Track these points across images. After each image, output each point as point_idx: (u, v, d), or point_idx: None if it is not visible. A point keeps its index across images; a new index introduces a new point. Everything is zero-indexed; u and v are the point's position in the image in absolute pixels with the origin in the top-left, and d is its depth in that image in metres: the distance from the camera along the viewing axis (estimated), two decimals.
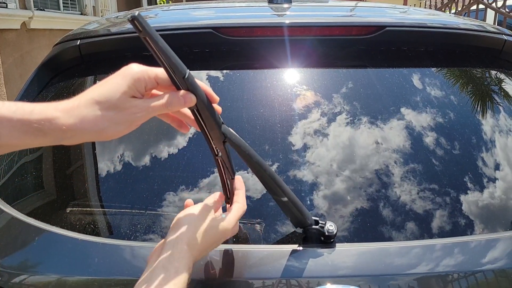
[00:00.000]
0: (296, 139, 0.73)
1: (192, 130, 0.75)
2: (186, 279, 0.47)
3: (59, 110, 0.42)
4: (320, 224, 0.60)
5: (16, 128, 0.39)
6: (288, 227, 0.64)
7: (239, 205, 0.57)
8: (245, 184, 0.70)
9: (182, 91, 0.47)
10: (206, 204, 0.54)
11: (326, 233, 0.60)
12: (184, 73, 0.47)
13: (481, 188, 0.70)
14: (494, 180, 0.71)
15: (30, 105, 0.41)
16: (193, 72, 0.49)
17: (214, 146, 0.53)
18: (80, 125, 0.42)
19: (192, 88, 0.48)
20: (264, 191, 0.65)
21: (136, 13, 0.44)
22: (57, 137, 0.42)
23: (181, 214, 0.54)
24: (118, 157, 0.73)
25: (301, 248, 0.60)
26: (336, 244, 0.61)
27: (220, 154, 0.54)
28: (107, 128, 0.43)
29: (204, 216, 0.53)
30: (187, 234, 0.50)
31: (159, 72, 0.48)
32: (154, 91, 0.49)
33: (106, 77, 0.48)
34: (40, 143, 0.42)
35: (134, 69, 0.47)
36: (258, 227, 0.64)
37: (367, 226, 0.64)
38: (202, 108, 0.49)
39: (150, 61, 0.89)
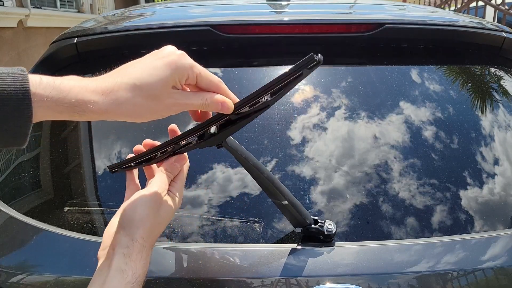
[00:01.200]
0: (295, 137, 0.73)
1: (190, 128, 0.74)
2: (143, 279, 0.46)
3: (97, 93, 0.42)
4: (319, 223, 0.60)
5: (51, 108, 0.39)
6: (287, 226, 0.64)
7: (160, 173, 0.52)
8: (243, 182, 0.70)
9: (220, 96, 0.48)
10: (147, 190, 0.50)
11: (326, 232, 0.59)
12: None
13: (481, 186, 0.70)
14: (494, 177, 0.71)
15: (67, 85, 0.41)
16: None
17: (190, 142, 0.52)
18: (118, 110, 0.42)
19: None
20: (263, 191, 0.64)
21: None
22: (93, 117, 0.42)
23: (127, 205, 0.48)
24: (115, 156, 0.73)
25: (300, 247, 0.60)
26: (336, 243, 0.61)
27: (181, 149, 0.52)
28: (144, 116, 0.44)
29: (152, 203, 0.48)
30: (141, 229, 0.47)
31: (202, 71, 0.47)
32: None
33: (103, 75, 0.47)
34: (75, 119, 0.42)
35: (181, 59, 0.45)
36: (257, 226, 0.64)
37: (366, 225, 0.64)
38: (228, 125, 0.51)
39: None
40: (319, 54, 0.46)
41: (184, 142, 0.53)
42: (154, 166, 0.56)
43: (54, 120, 0.42)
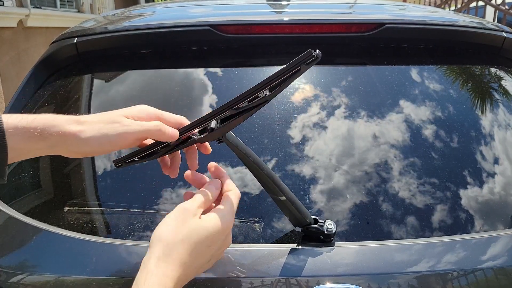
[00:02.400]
0: (296, 137, 0.73)
1: None
2: None
3: (62, 119, 0.48)
4: (319, 223, 0.60)
5: (20, 135, 0.46)
6: (287, 226, 0.64)
7: (228, 195, 0.52)
8: (243, 181, 0.70)
9: (170, 128, 0.52)
10: (184, 208, 0.48)
11: (325, 232, 0.59)
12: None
13: (481, 185, 0.70)
14: (494, 177, 0.71)
15: (32, 115, 0.47)
16: (191, 70, 0.49)
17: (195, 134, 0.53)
18: (75, 131, 0.48)
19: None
20: (263, 189, 0.64)
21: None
22: (55, 142, 0.47)
23: (163, 227, 0.46)
24: (115, 155, 0.73)
25: (300, 247, 0.60)
26: (336, 242, 0.61)
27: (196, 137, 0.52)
28: (95, 138, 0.48)
29: (176, 220, 0.46)
30: (156, 248, 0.44)
31: (166, 114, 0.54)
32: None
33: (103, 75, 0.48)
34: (41, 147, 0.47)
35: (143, 105, 0.54)
36: (257, 226, 0.64)
37: (366, 225, 0.64)
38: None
39: (147, 59, 0.88)
40: (317, 50, 0.46)
41: (185, 137, 0.53)
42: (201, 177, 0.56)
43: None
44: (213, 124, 0.52)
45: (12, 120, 0.46)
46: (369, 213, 0.65)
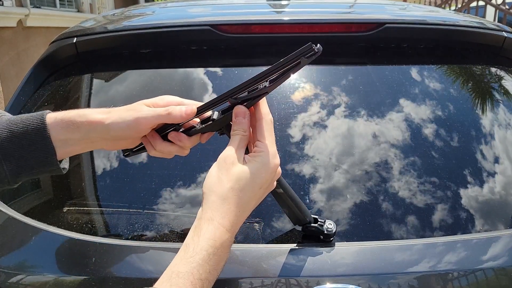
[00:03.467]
0: (296, 136, 0.73)
1: None
2: (210, 265, 0.43)
3: (91, 110, 0.53)
4: (319, 223, 0.60)
5: (58, 126, 0.52)
6: (287, 226, 0.64)
7: (235, 132, 0.50)
8: None
9: (183, 106, 0.53)
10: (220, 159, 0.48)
11: (325, 232, 0.59)
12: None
13: (482, 186, 0.69)
14: (495, 177, 0.71)
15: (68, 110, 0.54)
16: (191, 70, 0.49)
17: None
18: (101, 119, 0.52)
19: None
20: None
21: None
22: (86, 131, 0.52)
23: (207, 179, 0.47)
24: (115, 155, 0.72)
25: (300, 246, 0.60)
26: (336, 242, 0.60)
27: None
28: (115, 123, 0.52)
29: (218, 165, 0.47)
30: (208, 199, 0.45)
31: (186, 101, 0.56)
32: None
33: (102, 75, 0.49)
34: (77, 137, 0.52)
35: (166, 95, 0.57)
36: (256, 226, 0.64)
37: (366, 225, 0.64)
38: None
39: (146, 59, 0.88)
40: (319, 45, 0.46)
41: (187, 125, 0.55)
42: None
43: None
44: (215, 115, 0.53)
45: (51, 115, 0.52)
46: (369, 213, 0.65)
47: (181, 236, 0.63)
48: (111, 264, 0.59)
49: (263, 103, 0.51)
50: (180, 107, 0.52)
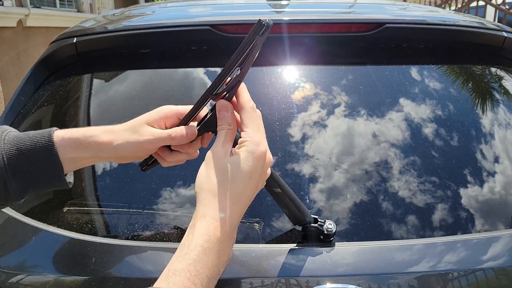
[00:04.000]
0: (296, 137, 0.73)
1: None
2: (207, 262, 0.43)
3: (98, 130, 0.54)
4: (319, 223, 0.60)
5: (67, 145, 0.53)
6: (287, 226, 0.64)
7: (222, 127, 0.49)
8: None
9: (184, 128, 0.54)
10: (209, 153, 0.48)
11: (325, 232, 0.59)
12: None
13: (482, 186, 0.69)
14: (495, 177, 0.71)
15: (76, 128, 0.55)
16: (191, 70, 0.49)
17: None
18: (108, 140, 0.53)
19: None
20: (263, 189, 0.64)
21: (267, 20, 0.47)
22: (96, 151, 0.53)
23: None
24: None
25: (300, 246, 0.60)
26: (336, 242, 0.60)
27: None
28: (122, 145, 0.53)
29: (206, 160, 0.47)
30: (200, 193, 0.46)
31: (181, 108, 0.56)
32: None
33: (102, 75, 0.49)
34: (88, 156, 0.53)
35: (163, 106, 0.57)
36: (256, 226, 0.64)
37: (366, 225, 0.64)
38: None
39: (146, 59, 0.88)
40: (268, 19, 0.46)
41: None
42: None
43: (53, 120, 0.47)
44: (203, 113, 0.54)
45: (58, 132, 0.53)
46: (369, 213, 0.65)
47: (181, 236, 0.63)
48: (111, 264, 0.59)
49: (242, 92, 0.51)
50: (181, 130, 0.53)
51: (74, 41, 0.86)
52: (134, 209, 0.66)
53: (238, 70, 0.49)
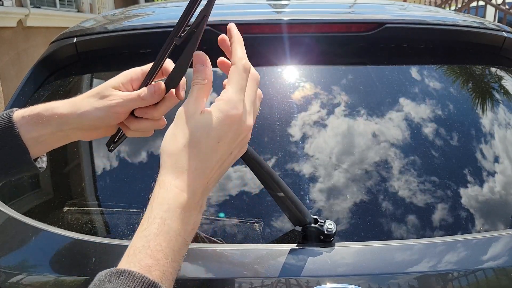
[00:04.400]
0: (296, 137, 0.73)
1: None
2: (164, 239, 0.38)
3: (58, 103, 0.52)
4: (319, 223, 0.60)
5: (27, 123, 0.50)
6: (287, 226, 0.64)
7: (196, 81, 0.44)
8: (242, 181, 0.70)
9: (152, 85, 0.50)
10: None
11: (325, 232, 0.59)
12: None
13: (482, 186, 0.69)
14: (495, 177, 0.71)
15: (34, 105, 0.53)
16: (190, 70, 0.48)
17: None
18: (71, 110, 0.51)
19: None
20: (263, 189, 0.64)
21: None
22: (58, 124, 0.51)
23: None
24: (115, 156, 0.72)
25: (300, 247, 0.60)
26: (336, 242, 0.60)
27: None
28: (89, 112, 0.50)
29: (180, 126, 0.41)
30: (186, 163, 0.40)
31: (146, 67, 0.53)
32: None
33: (102, 75, 0.48)
34: (49, 131, 0.50)
35: (129, 69, 0.54)
36: (256, 226, 0.64)
37: (366, 225, 0.64)
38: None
39: (146, 59, 0.88)
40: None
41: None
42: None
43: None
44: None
45: (18, 112, 0.51)
46: (369, 213, 0.65)
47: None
48: (111, 264, 0.59)
49: (237, 47, 0.45)
50: (149, 88, 0.49)
51: (74, 41, 0.87)
52: (134, 209, 0.66)
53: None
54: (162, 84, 0.50)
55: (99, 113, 0.50)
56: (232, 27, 0.48)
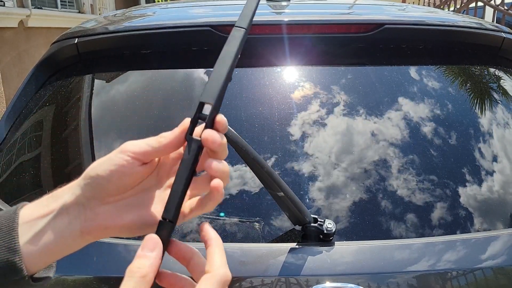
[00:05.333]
0: (296, 138, 0.73)
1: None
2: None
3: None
4: (318, 222, 0.60)
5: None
6: (286, 225, 0.64)
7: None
8: (242, 180, 0.70)
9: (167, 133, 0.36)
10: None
11: (325, 231, 0.60)
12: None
13: (481, 186, 0.70)
14: (494, 177, 0.71)
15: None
16: (191, 70, 0.47)
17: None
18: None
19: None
20: (263, 188, 0.64)
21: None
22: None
23: None
24: None
25: (299, 246, 0.60)
26: (335, 242, 0.61)
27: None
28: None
29: None
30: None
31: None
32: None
33: (104, 76, 0.46)
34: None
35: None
36: (256, 225, 0.64)
37: (365, 224, 0.65)
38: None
39: (147, 59, 0.89)
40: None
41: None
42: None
43: (54, 120, 0.41)
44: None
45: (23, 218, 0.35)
46: (369, 212, 0.66)
47: (181, 234, 0.63)
48: (112, 263, 0.59)
49: (216, 251, 0.33)
50: (166, 133, 0.36)
51: (75, 41, 0.87)
52: None
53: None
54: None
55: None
56: (206, 227, 0.34)
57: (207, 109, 0.35)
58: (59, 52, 0.89)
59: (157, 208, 0.36)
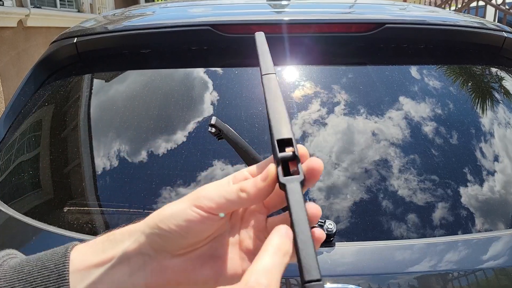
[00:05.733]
0: (296, 137, 0.73)
1: (190, 127, 0.74)
2: None
3: None
4: (319, 222, 0.60)
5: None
6: None
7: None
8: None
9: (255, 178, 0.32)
10: None
11: (326, 232, 0.59)
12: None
13: (482, 186, 0.69)
14: (495, 177, 0.71)
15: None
16: (191, 70, 0.47)
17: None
18: None
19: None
20: None
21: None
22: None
23: None
24: (115, 155, 0.73)
25: None
26: (336, 242, 0.61)
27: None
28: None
29: None
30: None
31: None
32: None
33: (103, 75, 0.46)
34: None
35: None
36: None
37: (366, 225, 0.64)
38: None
39: (147, 59, 0.88)
40: None
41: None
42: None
43: (54, 120, 0.41)
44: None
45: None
46: (369, 212, 0.65)
47: None
48: None
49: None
50: (253, 179, 0.31)
51: (75, 41, 0.87)
52: (134, 209, 0.66)
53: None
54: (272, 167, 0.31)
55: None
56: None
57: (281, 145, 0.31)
58: (58, 51, 0.88)
59: (233, 258, 0.32)
